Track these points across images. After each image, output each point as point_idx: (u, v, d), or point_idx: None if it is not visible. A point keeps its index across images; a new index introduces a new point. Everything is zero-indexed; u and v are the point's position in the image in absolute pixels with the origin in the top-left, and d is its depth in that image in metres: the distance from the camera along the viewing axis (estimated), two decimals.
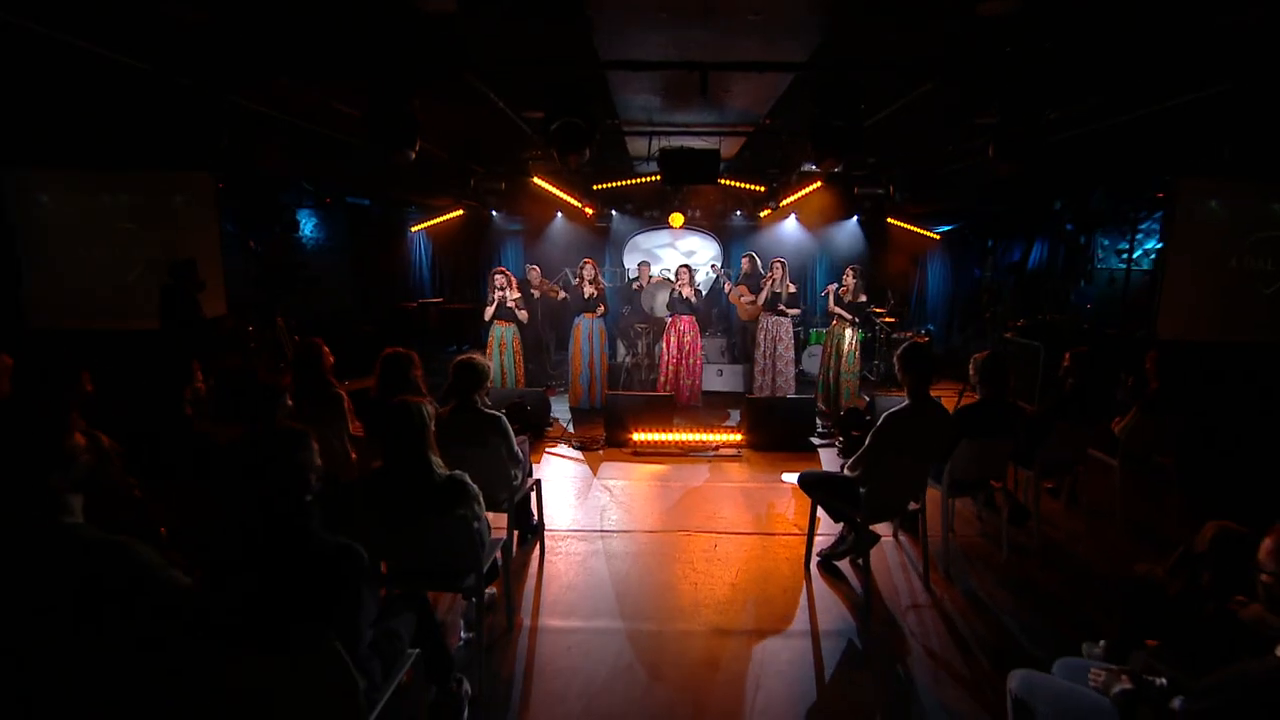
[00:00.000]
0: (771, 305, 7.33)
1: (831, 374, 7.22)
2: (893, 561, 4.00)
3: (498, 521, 3.68)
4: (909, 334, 9.54)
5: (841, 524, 3.87)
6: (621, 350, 9.38)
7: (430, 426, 2.55)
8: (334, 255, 10.71)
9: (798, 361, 8.91)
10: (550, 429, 6.73)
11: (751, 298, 8.00)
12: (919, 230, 10.64)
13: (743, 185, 8.20)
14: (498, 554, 3.07)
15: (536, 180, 9.25)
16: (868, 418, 6.01)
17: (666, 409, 6.41)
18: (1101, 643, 2.73)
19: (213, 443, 2.81)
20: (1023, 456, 3.99)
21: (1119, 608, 2.79)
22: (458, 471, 2.60)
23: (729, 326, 10.08)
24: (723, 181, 8.37)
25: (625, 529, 4.41)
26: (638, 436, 6.08)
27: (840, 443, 6.06)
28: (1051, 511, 4.56)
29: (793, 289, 7.34)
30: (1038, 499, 4.10)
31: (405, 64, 3.77)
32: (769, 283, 7.32)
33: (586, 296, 7.48)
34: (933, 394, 3.42)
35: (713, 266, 10.15)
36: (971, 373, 3.84)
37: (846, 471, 3.54)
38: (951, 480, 3.73)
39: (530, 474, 4.11)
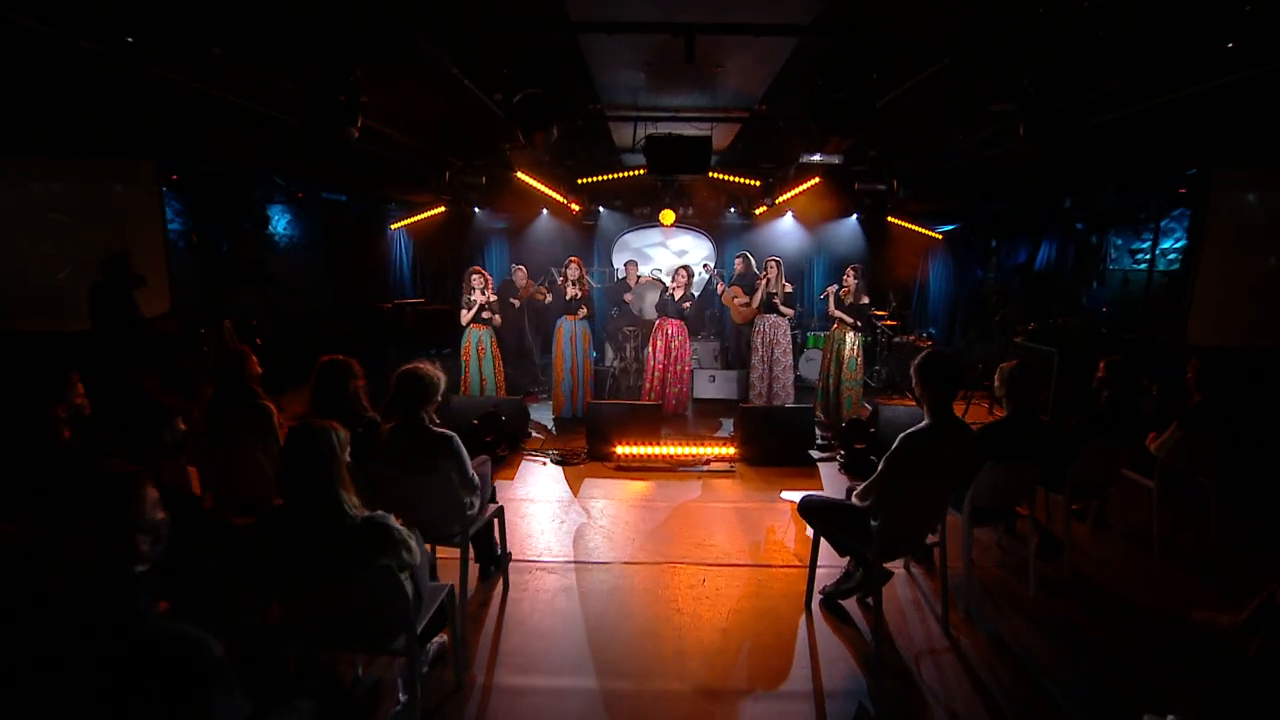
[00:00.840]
0: (768, 306, 6.85)
1: (832, 381, 6.74)
2: (905, 598, 3.51)
3: (455, 554, 3.19)
4: (911, 337, 9.08)
5: (847, 557, 3.38)
6: (611, 355, 8.88)
7: (343, 457, 2.05)
8: (308, 253, 10.20)
9: (795, 366, 8.44)
10: (528, 441, 6.23)
11: (746, 299, 7.52)
12: (920, 229, 10.19)
13: (736, 179, 7.71)
14: (450, 597, 2.57)
15: (520, 175, 8.77)
16: (871, 429, 5.54)
17: (653, 419, 5.92)
18: (1171, 718, 2.24)
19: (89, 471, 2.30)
20: (1052, 479, 3.51)
21: (1194, 673, 2.31)
22: (379, 513, 2.10)
23: (722, 330, 9.59)
24: (714, 175, 7.89)
25: (603, 559, 3.91)
26: (621, 450, 5.58)
27: (842, 456, 5.57)
28: (1079, 536, 4.08)
29: (789, 288, 6.87)
30: (1068, 527, 3.62)
31: (344, 27, 3.27)
32: (764, 282, 6.85)
33: (569, 297, 6.98)
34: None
35: (705, 266, 9.68)
36: (997, 385, 3.36)
37: (855, 500, 3.05)
38: (974, 508, 3.25)
39: (491, 499, 3.61)
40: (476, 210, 10.57)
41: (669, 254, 11.09)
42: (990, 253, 10.68)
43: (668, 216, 9.83)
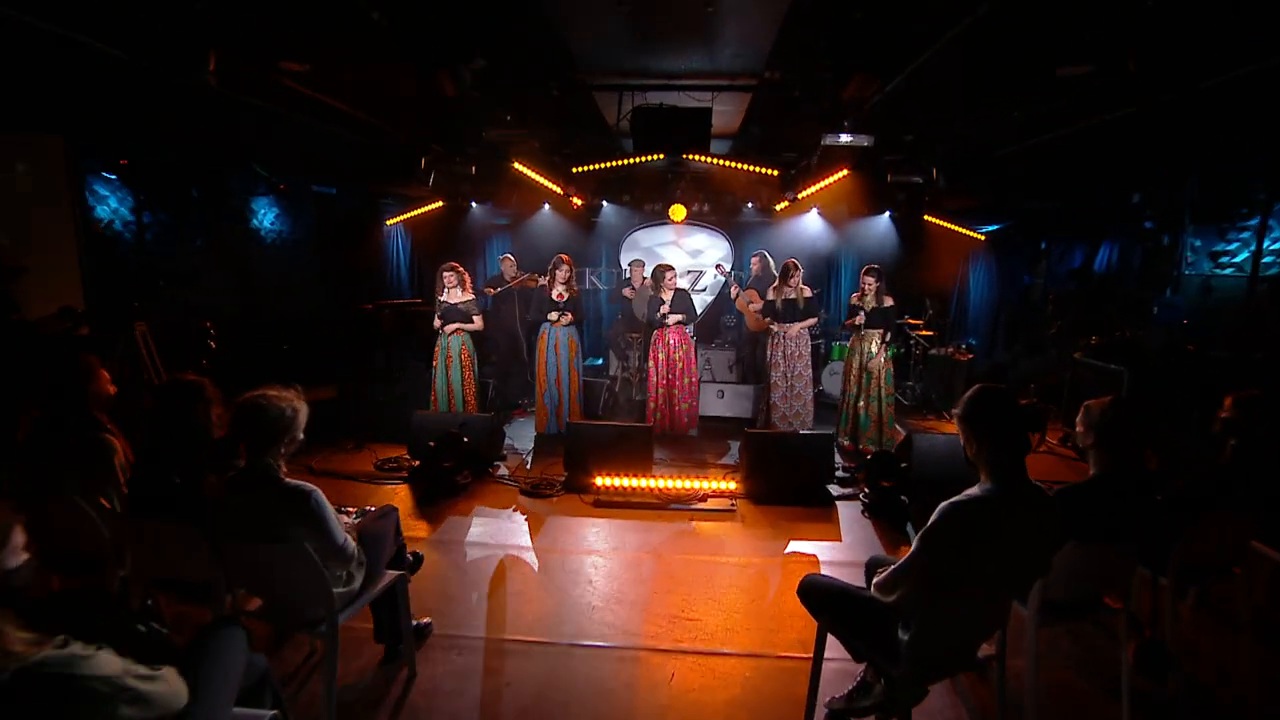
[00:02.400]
0: (789, 314, 5.90)
1: (856, 400, 5.77)
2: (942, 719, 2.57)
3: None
4: (949, 349, 8.04)
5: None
6: (615, 365, 8.03)
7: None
8: (297, 250, 9.59)
9: (817, 380, 7.49)
10: (496, 467, 5.39)
11: (761, 304, 6.61)
12: (960, 229, 9.12)
13: (751, 168, 6.78)
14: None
15: (517, 166, 8.00)
16: (902, 464, 4.57)
17: (643, 444, 5.04)
18: None
19: None
20: (1155, 559, 2.54)
21: None
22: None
23: (739, 338, 8.64)
24: (727, 163, 6.98)
25: (544, 636, 3.04)
26: (601, 481, 4.72)
27: (865, 496, 4.62)
28: (1186, 630, 3.08)
29: (808, 294, 5.93)
30: (1173, 621, 2.64)
31: None
32: (787, 288, 5.89)
33: (556, 297, 6.15)
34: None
35: (718, 267, 8.77)
36: (1080, 429, 2.40)
37: (875, 592, 2.13)
38: (1046, 601, 2.31)
39: (400, 561, 2.77)
40: (474, 205, 9.87)
41: (682, 254, 10.22)
42: (1039, 256, 9.56)
43: (678, 212, 8.96)
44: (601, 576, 3.62)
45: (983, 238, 9.36)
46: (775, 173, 6.74)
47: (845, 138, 5.04)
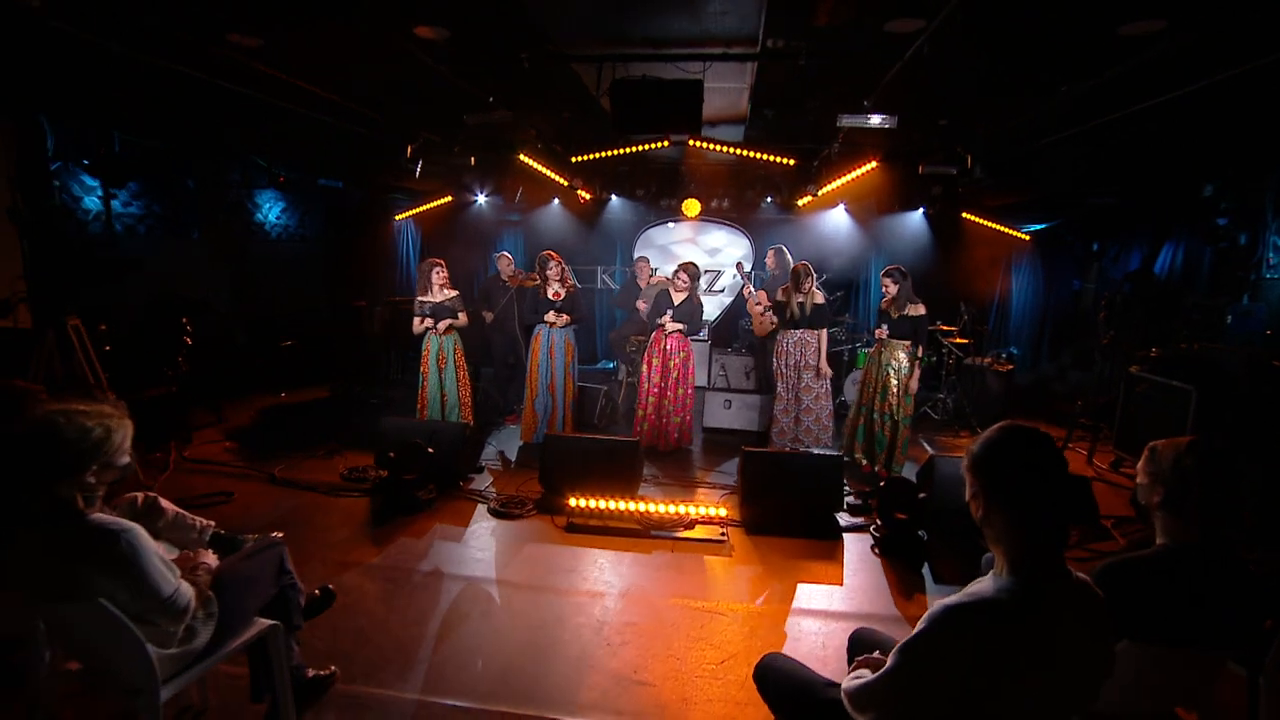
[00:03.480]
0: (802, 321, 5.28)
1: (872, 415, 5.11)
2: None
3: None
4: (986, 359, 7.30)
5: None
6: (624, 371, 7.51)
7: None
8: (305, 244, 9.38)
9: (838, 390, 6.84)
10: (470, 479, 4.92)
11: (765, 305, 6.02)
12: (1001, 228, 8.33)
13: (761, 156, 6.18)
14: None
15: (523, 157, 7.57)
16: (920, 494, 3.93)
17: (628, 461, 4.51)
18: None
19: None
20: (1250, 651, 1.89)
21: None
22: None
23: (755, 343, 8.02)
24: (741, 152, 6.39)
25: (461, 698, 2.52)
26: (575, 502, 4.20)
27: (876, 530, 3.99)
28: None
29: (820, 300, 5.29)
30: None
31: None
32: (798, 293, 5.27)
33: (552, 296, 5.66)
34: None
35: (738, 266, 8.18)
36: (1143, 479, 1.76)
37: (845, 699, 1.55)
38: (1095, 717, 1.69)
39: (256, 610, 2.27)
40: (482, 201, 9.50)
41: (699, 252, 9.64)
42: (1091, 257, 8.69)
43: (692, 207, 8.41)
44: (551, 618, 3.10)
45: (1027, 238, 8.55)
46: (791, 162, 6.11)
47: (876, 119, 4.41)
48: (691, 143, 5.90)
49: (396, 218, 10.41)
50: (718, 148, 5.90)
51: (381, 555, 3.72)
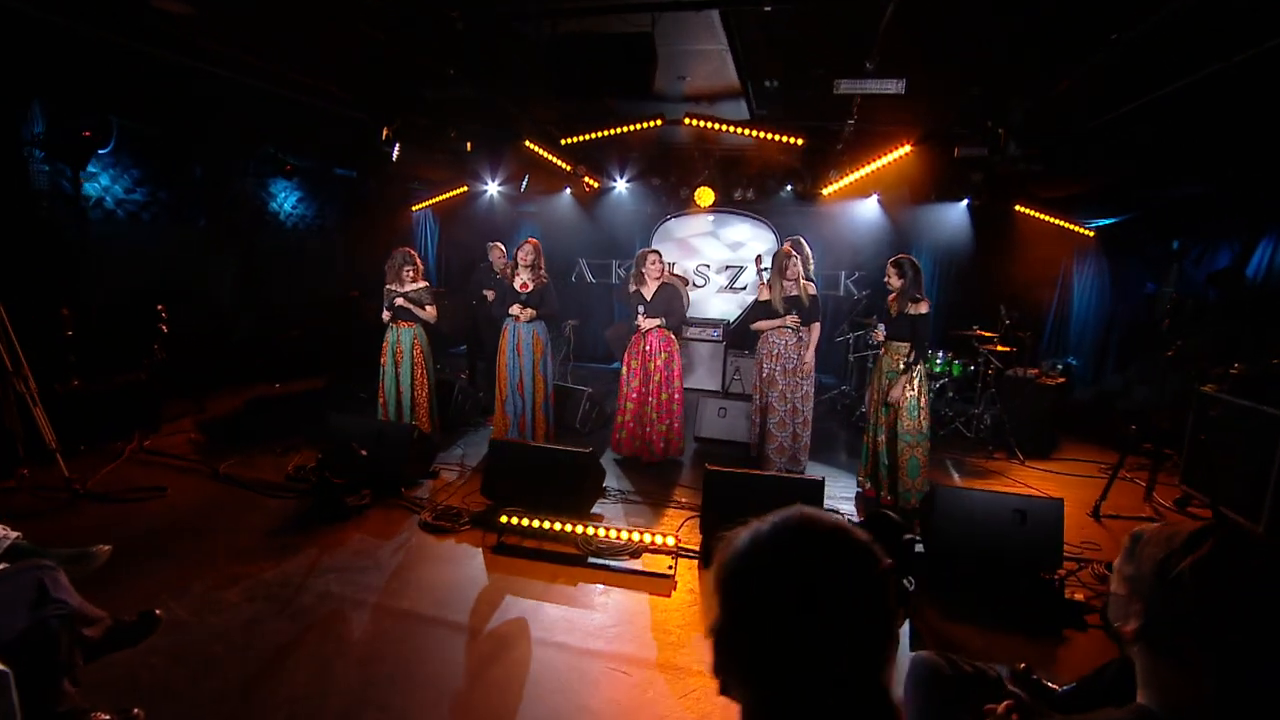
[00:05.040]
0: (774, 314, 4.64)
1: (876, 435, 4.39)
2: None
3: None
4: (1033, 370, 6.37)
5: None
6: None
7: None
8: (321, 234, 9.29)
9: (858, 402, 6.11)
10: (417, 486, 4.49)
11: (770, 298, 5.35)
12: (1062, 222, 7.34)
13: (765, 135, 5.51)
14: None
15: (528, 144, 7.16)
16: (908, 536, 3.22)
17: (583, 474, 3.99)
18: None
19: None
20: None
21: None
22: None
23: None
24: (750, 132, 5.74)
25: None
26: (506, 520, 3.70)
27: None
28: None
29: (812, 291, 4.62)
30: None
31: None
32: (786, 281, 4.64)
33: (519, 288, 5.21)
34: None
35: (757, 260, 7.51)
36: (1118, 589, 1.06)
37: None
38: None
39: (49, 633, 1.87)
40: (494, 191, 9.19)
41: (720, 246, 9.00)
42: (1169, 257, 7.52)
43: (705, 196, 7.79)
44: (429, 669, 2.60)
45: (1091, 234, 7.51)
46: (799, 141, 5.41)
47: (866, 84, 3.71)
48: (686, 120, 5.30)
49: (414, 208, 10.25)
50: (715, 126, 5.28)
51: (279, 569, 3.32)
